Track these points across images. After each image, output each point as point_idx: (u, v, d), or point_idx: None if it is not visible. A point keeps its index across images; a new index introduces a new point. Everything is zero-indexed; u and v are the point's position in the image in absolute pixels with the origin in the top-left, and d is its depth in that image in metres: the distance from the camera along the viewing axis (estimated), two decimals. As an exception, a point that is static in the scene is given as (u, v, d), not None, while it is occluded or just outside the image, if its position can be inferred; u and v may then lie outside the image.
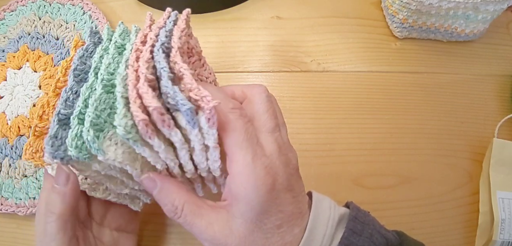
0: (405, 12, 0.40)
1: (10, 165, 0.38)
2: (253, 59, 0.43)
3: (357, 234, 0.24)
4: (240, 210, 0.23)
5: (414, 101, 0.41)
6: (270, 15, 0.45)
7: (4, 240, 0.37)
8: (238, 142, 0.22)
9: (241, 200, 0.23)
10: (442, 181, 0.38)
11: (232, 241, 0.23)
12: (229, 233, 0.23)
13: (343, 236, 0.24)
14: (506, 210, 0.36)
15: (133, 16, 0.44)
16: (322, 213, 0.24)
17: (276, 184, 0.23)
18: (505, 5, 0.38)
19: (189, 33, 0.27)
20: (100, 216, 0.30)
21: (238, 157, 0.22)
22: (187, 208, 0.24)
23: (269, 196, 0.22)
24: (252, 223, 0.23)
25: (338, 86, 0.41)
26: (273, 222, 0.23)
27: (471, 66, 0.43)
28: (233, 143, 0.23)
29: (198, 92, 0.21)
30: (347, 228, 0.24)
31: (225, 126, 0.23)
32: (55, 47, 0.42)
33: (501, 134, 0.40)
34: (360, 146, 0.39)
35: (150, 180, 0.24)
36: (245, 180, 0.22)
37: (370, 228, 0.24)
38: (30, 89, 0.40)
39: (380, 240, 0.24)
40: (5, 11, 0.45)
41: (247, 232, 0.23)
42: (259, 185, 0.22)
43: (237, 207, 0.23)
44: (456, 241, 0.37)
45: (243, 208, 0.23)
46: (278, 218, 0.23)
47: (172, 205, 0.24)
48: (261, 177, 0.22)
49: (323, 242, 0.23)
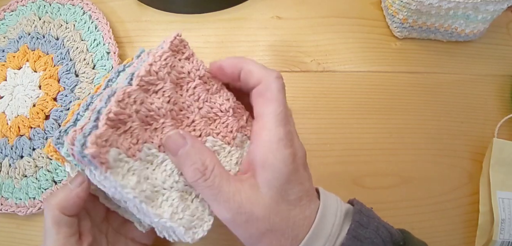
0: (405, 12, 0.40)
1: (10, 165, 0.38)
2: (253, 59, 0.43)
3: (363, 226, 0.24)
4: (266, 178, 0.23)
5: (414, 101, 0.41)
6: (270, 15, 0.44)
7: (4, 240, 0.37)
8: (276, 112, 0.23)
9: (268, 167, 0.23)
10: (442, 181, 0.38)
11: (259, 210, 0.23)
12: (255, 202, 0.23)
13: (350, 227, 0.24)
14: (506, 210, 0.36)
15: (133, 16, 0.44)
16: (330, 205, 0.25)
17: (296, 158, 0.24)
18: (505, 5, 0.38)
19: (187, 57, 0.27)
20: (118, 223, 0.30)
21: (272, 125, 0.23)
22: (217, 170, 0.23)
23: (292, 167, 0.23)
24: (277, 193, 0.23)
25: (338, 86, 0.41)
26: (295, 193, 0.24)
27: (471, 66, 0.43)
28: (270, 111, 0.24)
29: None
30: (353, 220, 0.24)
31: (266, 94, 0.24)
32: (55, 47, 0.41)
33: (501, 134, 0.40)
34: (360, 146, 0.39)
35: (179, 136, 0.24)
36: (276, 147, 0.23)
37: (375, 221, 0.25)
38: (30, 89, 0.40)
39: (386, 233, 0.24)
40: (5, 11, 0.45)
41: (273, 202, 0.23)
42: (287, 154, 0.23)
43: (263, 176, 0.23)
44: (456, 241, 0.37)
45: (270, 176, 0.23)
46: (299, 190, 0.24)
47: (202, 164, 0.23)
48: (289, 147, 0.23)
49: (332, 231, 0.23)
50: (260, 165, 0.23)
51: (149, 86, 0.24)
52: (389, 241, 0.24)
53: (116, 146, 0.22)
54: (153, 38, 0.43)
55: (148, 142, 0.24)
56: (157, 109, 0.24)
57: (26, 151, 0.38)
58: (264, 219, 0.23)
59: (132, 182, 0.22)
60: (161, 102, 0.24)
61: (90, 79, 0.40)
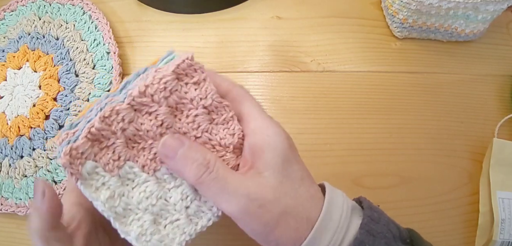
0: (405, 12, 0.40)
1: (10, 165, 0.38)
2: (253, 59, 0.43)
3: (375, 221, 0.24)
4: (266, 161, 0.23)
5: (414, 101, 0.41)
6: (270, 15, 0.45)
7: (4, 240, 0.37)
8: (252, 104, 0.25)
9: (266, 148, 0.23)
10: (442, 181, 0.38)
11: (268, 192, 0.23)
12: (263, 186, 0.23)
13: (363, 222, 0.23)
14: (506, 210, 0.36)
15: (133, 16, 0.44)
16: (336, 199, 0.24)
17: (288, 137, 0.25)
18: (505, 5, 0.38)
19: (196, 82, 0.24)
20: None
21: (256, 114, 0.25)
22: (219, 163, 0.23)
23: (287, 144, 0.24)
24: (279, 173, 0.23)
25: (338, 86, 0.41)
26: (296, 171, 0.24)
27: (471, 66, 0.43)
28: (248, 106, 0.25)
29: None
30: (365, 215, 0.24)
31: (237, 98, 0.25)
32: (55, 47, 0.42)
33: (501, 134, 0.40)
34: (360, 146, 0.39)
35: (175, 139, 0.24)
36: (266, 127, 0.24)
37: (385, 217, 0.25)
38: (30, 89, 0.40)
39: (395, 230, 0.24)
40: (5, 11, 0.45)
41: (277, 183, 0.23)
42: (279, 131, 0.24)
43: (262, 160, 0.23)
44: (456, 241, 0.37)
45: (268, 156, 0.23)
46: (299, 168, 0.24)
47: (204, 158, 0.23)
48: (278, 126, 0.24)
49: (340, 222, 0.23)
50: (257, 151, 0.24)
51: (142, 106, 0.23)
52: (398, 238, 0.24)
53: (94, 159, 0.22)
54: (153, 38, 0.43)
55: (132, 160, 0.24)
56: (146, 132, 0.24)
57: (26, 151, 0.38)
58: (276, 201, 0.22)
59: (103, 196, 0.22)
60: (151, 125, 0.24)
61: (90, 79, 0.40)
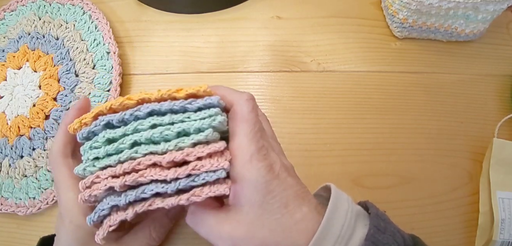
0: (405, 12, 0.40)
1: (10, 165, 0.38)
2: (253, 59, 0.43)
3: (381, 231, 0.23)
4: (245, 195, 0.23)
5: (414, 101, 0.41)
6: (270, 15, 0.45)
7: (4, 240, 0.37)
8: (247, 132, 0.24)
9: (245, 183, 0.23)
10: (442, 181, 0.38)
11: (241, 231, 0.23)
12: (238, 224, 0.23)
13: (369, 233, 0.23)
14: (506, 210, 0.36)
15: (133, 16, 0.44)
16: (341, 205, 0.24)
17: (273, 168, 0.24)
18: (505, 5, 0.38)
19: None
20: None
21: (245, 144, 0.24)
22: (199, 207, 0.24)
23: (269, 177, 0.23)
24: (259, 207, 0.23)
25: (338, 86, 0.41)
26: (278, 201, 0.23)
27: (471, 66, 0.43)
28: (241, 130, 0.24)
29: None
30: (371, 224, 0.24)
31: (236, 117, 0.25)
32: (55, 47, 0.42)
33: (501, 134, 0.40)
34: (360, 146, 0.39)
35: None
36: (249, 163, 0.23)
37: (392, 226, 0.25)
38: (30, 89, 0.40)
39: (400, 239, 0.24)
40: (5, 11, 0.45)
41: (255, 217, 0.23)
42: (260, 167, 0.23)
43: (242, 194, 0.23)
44: (456, 241, 0.37)
45: (247, 192, 0.23)
46: (283, 196, 0.24)
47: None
48: (262, 161, 0.23)
49: (342, 232, 0.23)
50: (238, 184, 0.24)
51: None
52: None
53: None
54: (153, 38, 0.43)
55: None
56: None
57: (26, 151, 0.38)
58: (249, 239, 0.23)
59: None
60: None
61: (90, 79, 0.40)
